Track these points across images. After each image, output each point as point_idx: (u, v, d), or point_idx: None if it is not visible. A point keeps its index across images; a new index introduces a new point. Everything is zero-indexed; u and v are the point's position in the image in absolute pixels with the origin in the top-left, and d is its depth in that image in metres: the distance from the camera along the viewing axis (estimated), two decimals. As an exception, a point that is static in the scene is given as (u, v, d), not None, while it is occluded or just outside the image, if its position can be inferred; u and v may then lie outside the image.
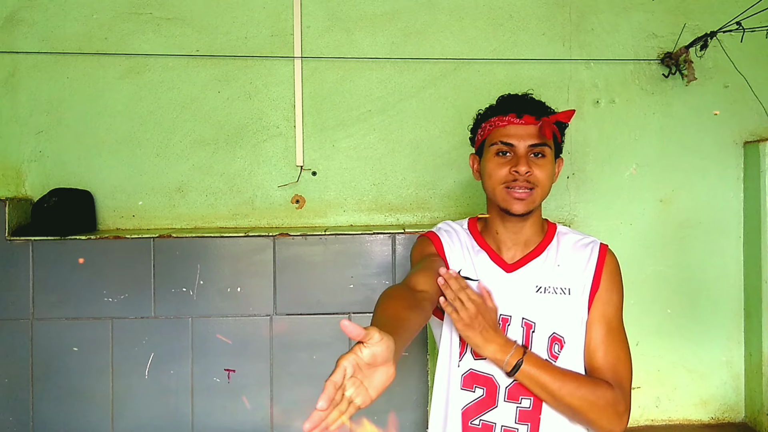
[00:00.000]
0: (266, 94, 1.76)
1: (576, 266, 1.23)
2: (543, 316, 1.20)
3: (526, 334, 1.19)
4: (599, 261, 1.21)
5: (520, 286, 1.22)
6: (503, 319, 1.20)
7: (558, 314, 1.20)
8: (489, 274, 1.24)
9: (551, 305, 1.20)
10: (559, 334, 1.19)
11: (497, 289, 1.22)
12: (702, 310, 1.81)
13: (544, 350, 1.18)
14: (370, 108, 1.79)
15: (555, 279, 1.22)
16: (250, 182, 1.77)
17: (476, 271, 1.24)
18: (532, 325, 1.20)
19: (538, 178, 1.17)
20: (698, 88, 1.81)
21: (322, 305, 1.66)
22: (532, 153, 1.18)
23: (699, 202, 1.82)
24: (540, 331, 1.19)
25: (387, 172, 1.80)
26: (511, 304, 1.21)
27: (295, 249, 1.64)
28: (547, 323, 1.19)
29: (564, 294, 1.21)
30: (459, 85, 1.79)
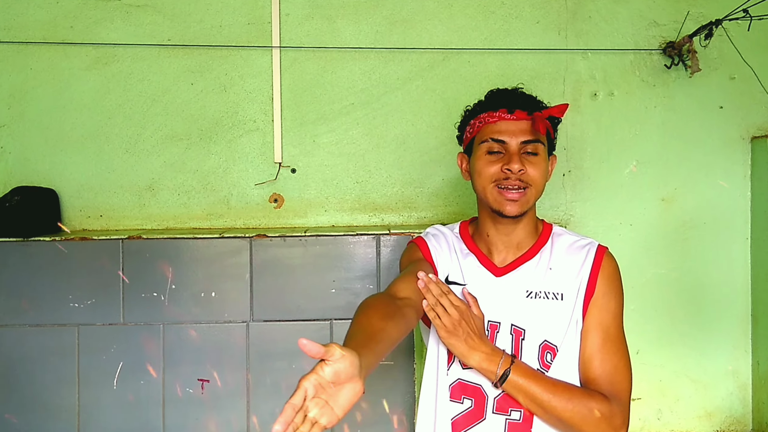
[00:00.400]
0: (242, 87, 1.75)
1: (570, 270, 1.22)
2: (533, 322, 1.20)
3: (515, 341, 1.19)
4: (595, 264, 1.21)
5: (509, 291, 1.22)
6: (492, 326, 1.21)
7: (549, 321, 1.20)
8: (477, 279, 1.25)
9: (542, 311, 1.20)
10: (551, 341, 1.19)
11: (486, 294, 1.23)
12: (707, 316, 1.81)
13: (535, 359, 1.18)
14: (353, 101, 1.78)
15: (546, 283, 1.22)
16: (225, 180, 1.77)
17: (464, 276, 1.25)
18: (521, 332, 1.20)
19: (531, 176, 1.17)
20: (702, 79, 1.80)
21: (302, 311, 1.65)
22: (525, 150, 1.18)
23: (703, 201, 1.81)
24: (530, 339, 1.19)
25: (371, 170, 1.79)
26: (499, 310, 1.22)
27: (273, 251, 1.64)
28: (537, 330, 1.19)
29: (556, 299, 1.21)
30: (448, 77, 1.78)
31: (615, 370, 1.17)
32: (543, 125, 1.17)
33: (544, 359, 1.19)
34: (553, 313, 1.20)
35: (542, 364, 1.18)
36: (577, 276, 1.21)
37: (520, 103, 1.20)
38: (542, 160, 1.19)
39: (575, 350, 1.19)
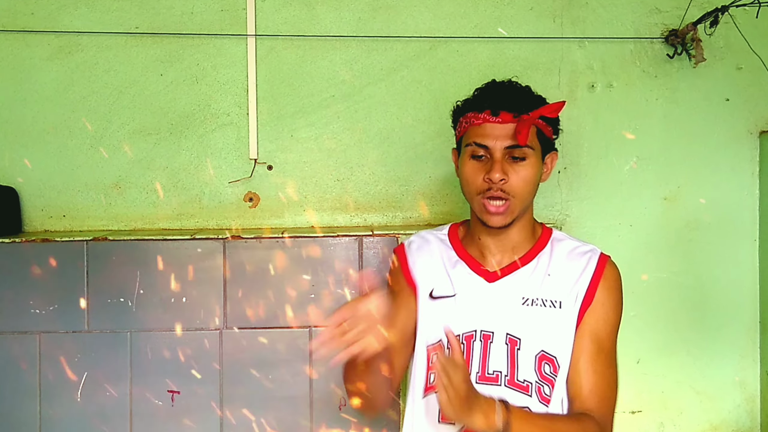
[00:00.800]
0: (215, 78, 1.75)
1: (569, 276, 1.23)
2: (530, 331, 1.20)
3: (510, 351, 1.20)
4: (596, 272, 1.22)
5: (503, 298, 1.23)
6: (485, 335, 1.22)
7: (547, 330, 1.20)
8: (468, 287, 1.25)
9: (539, 320, 1.21)
10: (549, 352, 1.20)
11: (478, 302, 1.24)
12: (712, 322, 1.81)
13: (532, 370, 1.19)
14: (333, 93, 1.78)
15: (544, 290, 1.22)
16: (196, 177, 1.77)
17: (453, 286, 1.26)
18: (517, 341, 1.20)
19: (514, 187, 1.18)
20: (708, 70, 1.79)
21: (278, 318, 1.65)
22: (511, 156, 1.18)
23: (708, 201, 1.81)
24: (526, 349, 1.20)
25: (353, 167, 1.79)
26: (493, 319, 1.22)
27: (248, 253, 1.63)
28: (534, 340, 1.20)
29: (554, 307, 1.21)
30: (435, 67, 1.78)
31: (607, 387, 1.19)
32: (527, 131, 1.15)
33: (542, 370, 1.19)
34: (552, 321, 1.21)
35: (540, 376, 1.19)
36: (576, 283, 1.22)
37: (507, 102, 1.19)
38: (530, 166, 1.19)
39: None
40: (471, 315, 1.24)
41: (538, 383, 1.20)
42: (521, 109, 1.18)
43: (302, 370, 1.67)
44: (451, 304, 1.26)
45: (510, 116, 1.18)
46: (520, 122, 1.16)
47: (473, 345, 1.23)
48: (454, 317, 1.25)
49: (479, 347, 1.22)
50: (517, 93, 1.22)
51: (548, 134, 1.24)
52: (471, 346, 1.23)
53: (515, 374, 1.20)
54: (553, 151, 1.27)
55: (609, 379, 1.20)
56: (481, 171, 1.20)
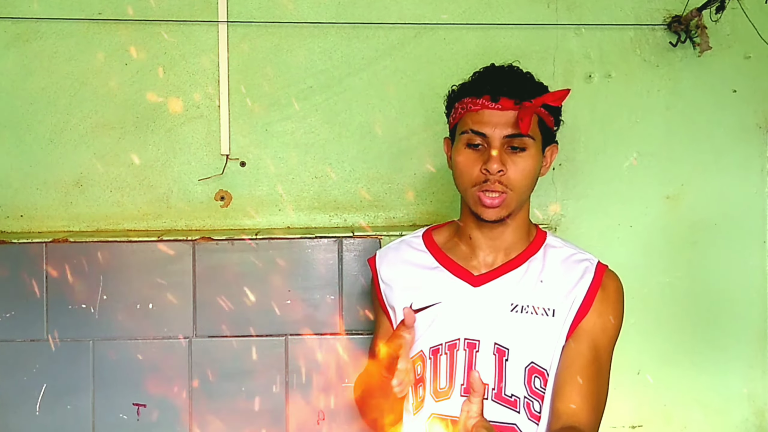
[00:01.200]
0: (184, 67, 1.75)
1: (563, 284, 1.23)
2: (519, 340, 1.20)
3: (498, 363, 1.20)
4: (594, 282, 1.23)
5: (490, 303, 1.23)
6: (470, 344, 1.21)
7: (538, 339, 1.20)
8: (451, 292, 1.25)
9: (530, 328, 1.21)
10: (539, 364, 1.20)
11: (462, 308, 1.24)
12: (718, 331, 1.81)
13: (521, 383, 1.19)
14: (311, 84, 1.78)
15: (536, 297, 1.23)
16: (164, 175, 1.77)
17: (435, 293, 1.25)
18: (505, 351, 1.20)
19: (512, 180, 1.18)
20: (713, 59, 1.80)
21: (252, 325, 1.65)
22: (510, 146, 1.18)
23: (714, 199, 1.82)
24: (515, 360, 1.20)
25: (332, 163, 1.79)
26: (479, 326, 1.22)
27: (220, 256, 1.63)
28: (523, 350, 1.20)
29: (546, 315, 1.21)
30: (420, 56, 1.79)
31: (599, 402, 1.19)
32: (530, 119, 1.15)
33: (532, 384, 1.19)
34: (543, 331, 1.21)
35: (529, 390, 1.19)
36: (571, 292, 1.23)
37: (508, 88, 1.18)
38: (530, 157, 1.19)
39: None
40: (454, 322, 1.24)
41: (527, 398, 1.19)
42: (523, 95, 1.17)
43: (278, 381, 1.66)
44: (434, 313, 1.25)
45: (511, 103, 1.17)
46: (523, 109, 1.15)
47: (457, 354, 1.22)
48: (437, 325, 1.25)
49: (464, 357, 1.22)
50: (519, 78, 1.22)
51: (550, 124, 1.23)
52: (454, 356, 1.22)
53: (503, 388, 1.20)
54: (554, 144, 1.27)
55: (601, 395, 1.20)
56: (478, 161, 1.19)
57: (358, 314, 1.66)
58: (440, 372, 1.24)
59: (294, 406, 1.66)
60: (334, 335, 1.67)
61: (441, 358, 1.24)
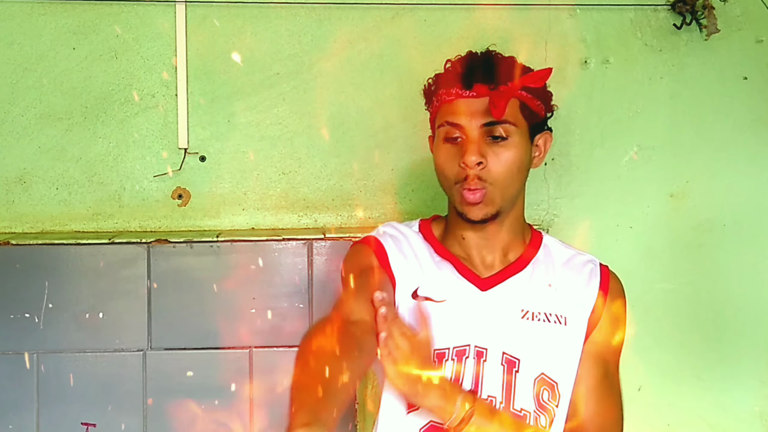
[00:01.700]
0: (138, 52, 1.72)
1: (573, 289, 1.25)
2: (531, 350, 1.20)
3: (507, 373, 1.20)
4: (602, 285, 1.25)
5: (500, 309, 1.23)
6: (478, 352, 1.21)
7: (550, 349, 1.21)
8: (458, 294, 1.24)
9: (542, 337, 1.21)
10: (550, 376, 1.20)
11: (470, 313, 1.23)
12: (727, 342, 1.80)
13: (530, 396, 1.19)
14: (278, 70, 1.76)
15: (548, 303, 1.23)
16: (116, 170, 1.74)
17: (441, 290, 1.24)
18: (515, 362, 1.20)
19: (493, 172, 1.17)
20: (722, 43, 1.78)
21: (213, 337, 1.64)
22: (490, 135, 1.18)
23: (723, 198, 1.81)
24: (525, 371, 1.20)
25: (301, 157, 1.77)
26: (488, 333, 1.21)
27: (177, 260, 1.62)
28: (535, 360, 1.20)
29: (559, 324, 1.22)
30: (399, 40, 1.77)
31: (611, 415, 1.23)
32: (506, 102, 1.15)
33: (541, 397, 1.20)
34: (556, 340, 1.21)
35: (538, 404, 1.19)
36: (581, 298, 1.24)
37: (481, 74, 1.18)
38: (513, 146, 1.18)
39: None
40: (463, 326, 1.23)
41: (536, 412, 1.20)
42: (498, 80, 1.17)
43: (242, 398, 1.66)
44: (439, 310, 1.24)
45: (485, 89, 1.17)
46: (496, 93, 1.15)
47: (465, 363, 1.22)
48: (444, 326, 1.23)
49: (472, 366, 1.21)
50: (492, 62, 1.22)
51: (536, 109, 1.22)
52: (463, 364, 1.22)
53: (512, 401, 1.19)
54: (546, 131, 1.26)
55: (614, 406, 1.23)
56: (457, 156, 1.19)
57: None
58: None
59: (260, 424, 1.65)
60: None
61: (446, 363, 1.23)
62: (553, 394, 1.21)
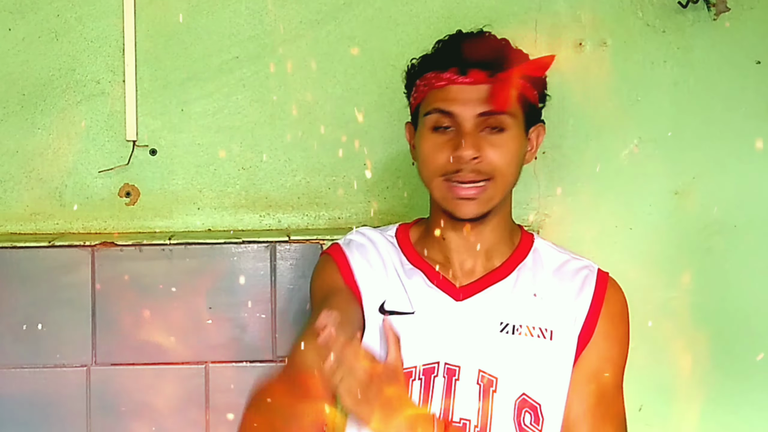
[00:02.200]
0: (81, 33, 1.67)
1: (561, 300, 1.24)
2: (510, 368, 1.19)
3: (483, 394, 1.19)
4: (596, 296, 1.23)
5: (476, 322, 1.22)
6: (449, 370, 1.20)
7: (533, 367, 1.19)
8: (428, 305, 1.24)
9: (523, 353, 1.20)
10: (532, 397, 1.19)
11: (442, 326, 1.22)
12: (739, 357, 1.73)
13: (510, 420, 1.18)
14: (237, 54, 1.71)
15: (531, 314, 1.22)
16: (56, 165, 1.70)
17: (411, 302, 1.24)
18: (492, 381, 1.19)
19: (493, 164, 1.16)
20: (733, 23, 1.72)
21: (165, 351, 1.59)
22: (486, 126, 1.17)
23: (733, 196, 1.75)
24: (504, 392, 1.18)
25: (263, 150, 1.73)
26: (461, 349, 1.20)
27: (125, 266, 1.58)
28: (515, 379, 1.19)
29: (542, 338, 1.21)
30: (372, 20, 1.72)
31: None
32: (507, 93, 1.15)
33: (522, 421, 1.19)
34: (538, 356, 1.20)
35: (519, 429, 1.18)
36: (572, 308, 1.23)
37: (479, 58, 1.17)
38: (511, 138, 1.18)
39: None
40: (432, 341, 1.22)
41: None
42: (497, 66, 1.17)
43: (197, 419, 1.63)
44: (407, 324, 1.23)
45: (483, 75, 1.16)
46: (498, 82, 1.15)
47: (434, 381, 1.21)
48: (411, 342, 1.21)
49: (441, 385, 1.20)
50: (491, 45, 1.21)
51: (533, 100, 1.23)
52: (431, 383, 1.21)
53: (488, 426, 1.18)
54: (539, 123, 1.26)
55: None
56: (447, 147, 1.18)
57: (295, 336, 1.58)
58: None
59: None
60: (266, 362, 1.63)
61: (414, 384, 1.22)
62: (536, 417, 1.19)
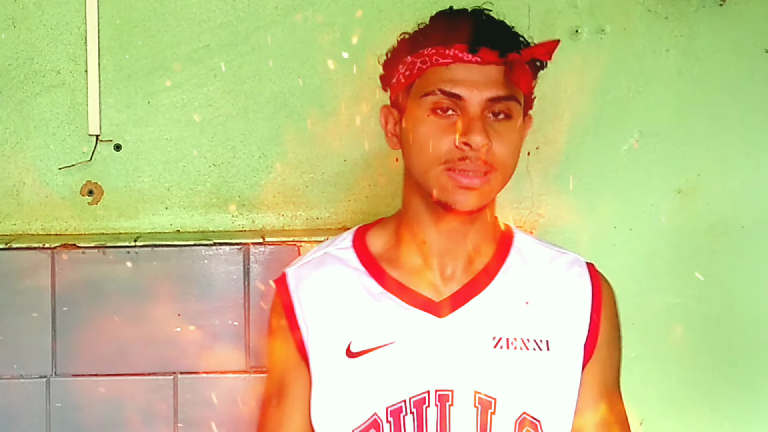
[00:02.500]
0: (40, 19, 1.61)
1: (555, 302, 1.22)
2: (509, 386, 1.18)
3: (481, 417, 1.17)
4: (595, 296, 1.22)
5: (465, 338, 1.19)
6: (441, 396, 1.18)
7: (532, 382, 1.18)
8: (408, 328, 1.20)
9: (521, 368, 1.18)
10: (532, 414, 1.18)
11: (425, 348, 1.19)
12: (744, 367, 1.71)
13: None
14: (208, 42, 1.65)
15: (524, 325, 1.20)
16: (13, 162, 1.65)
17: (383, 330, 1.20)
18: (490, 403, 1.18)
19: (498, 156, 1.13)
20: (740, 8, 1.68)
21: (131, 361, 1.56)
22: (491, 112, 1.14)
23: (740, 194, 1.71)
24: (504, 412, 1.17)
25: (236, 146, 1.68)
26: (452, 371, 1.18)
27: (88, 269, 1.54)
28: (514, 398, 1.18)
29: (539, 350, 1.19)
30: (351, 5, 1.66)
31: None
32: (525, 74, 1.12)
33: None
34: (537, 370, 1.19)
35: None
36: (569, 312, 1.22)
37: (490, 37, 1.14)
38: (515, 129, 1.16)
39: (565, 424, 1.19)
40: (418, 369, 1.18)
41: None
42: (508, 46, 1.14)
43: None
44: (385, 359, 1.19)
45: (494, 55, 1.12)
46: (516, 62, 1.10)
47: (426, 412, 1.18)
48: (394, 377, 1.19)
49: (435, 414, 1.18)
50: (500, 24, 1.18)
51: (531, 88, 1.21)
52: (423, 414, 1.18)
53: None
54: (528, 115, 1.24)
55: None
56: (449, 131, 1.14)
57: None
58: None
59: None
60: (238, 373, 1.59)
61: (406, 419, 1.19)
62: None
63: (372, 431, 1.20)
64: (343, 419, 1.21)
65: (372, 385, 1.20)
